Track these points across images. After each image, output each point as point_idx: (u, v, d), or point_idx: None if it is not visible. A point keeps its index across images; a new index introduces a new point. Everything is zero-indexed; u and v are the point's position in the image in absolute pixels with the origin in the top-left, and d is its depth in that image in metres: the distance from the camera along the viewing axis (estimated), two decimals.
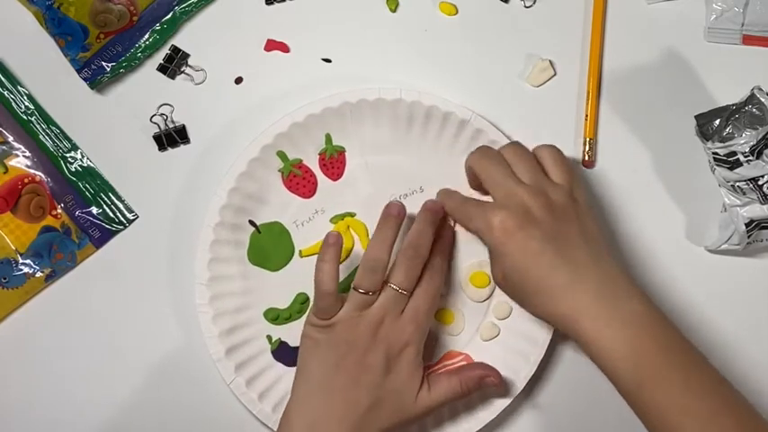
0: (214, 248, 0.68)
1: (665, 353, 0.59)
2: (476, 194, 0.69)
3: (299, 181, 0.70)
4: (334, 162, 0.71)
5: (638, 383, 0.58)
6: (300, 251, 0.70)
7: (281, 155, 0.70)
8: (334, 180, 0.71)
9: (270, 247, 0.70)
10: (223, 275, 0.69)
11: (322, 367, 0.63)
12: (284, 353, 0.69)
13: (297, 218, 0.70)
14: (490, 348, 0.69)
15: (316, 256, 0.65)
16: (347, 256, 0.69)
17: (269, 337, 0.70)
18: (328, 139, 0.70)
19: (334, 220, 0.70)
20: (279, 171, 0.70)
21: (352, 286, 0.64)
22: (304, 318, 0.67)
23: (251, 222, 0.70)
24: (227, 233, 0.69)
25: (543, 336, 0.68)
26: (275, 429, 0.65)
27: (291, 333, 0.69)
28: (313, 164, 0.71)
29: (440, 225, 0.68)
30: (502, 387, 0.67)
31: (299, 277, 0.69)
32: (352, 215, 0.70)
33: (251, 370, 0.68)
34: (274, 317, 0.70)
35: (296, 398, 0.63)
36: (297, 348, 0.67)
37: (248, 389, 0.68)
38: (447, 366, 0.69)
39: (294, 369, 0.66)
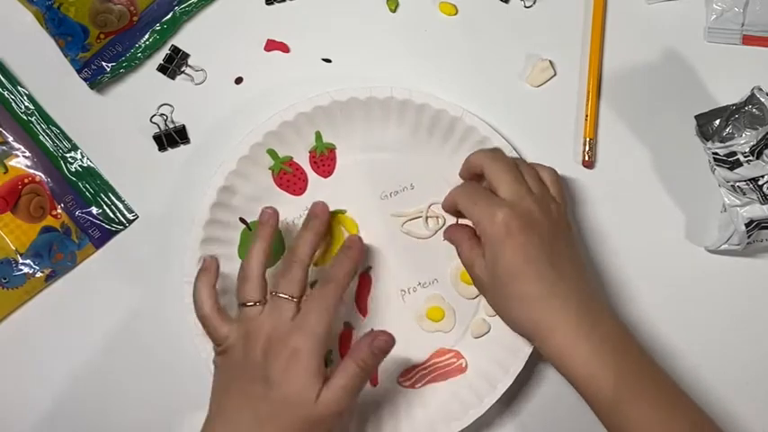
0: (204, 247, 0.68)
1: (643, 371, 0.61)
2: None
3: (289, 178, 0.71)
4: (324, 160, 0.71)
5: (616, 400, 0.59)
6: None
7: (272, 153, 0.70)
8: (325, 177, 0.71)
9: None
10: None
11: (217, 394, 0.63)
12: None
13: (287, 215, 0.70)
14: (481, 345, 0.70)
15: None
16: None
17: None
18: (318, 136, 0.70)
19: None
20: (269, 169, 0.70)
21: (237, 304, 0.64)
22: None
23: (241, 220, 0.70)
24: (218, 231, 0.69)
25: None
26: None
27: None
28: (303, 161, 0.71)
29: (349, 241, 0.68)
30: (393, 342, 0.63)
31: None
32: (342, 212, 0.70)
33: None
34: None
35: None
36: None
37: None
38: (437, 364, 0.69)
39: None
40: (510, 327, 0.64)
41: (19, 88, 0.71)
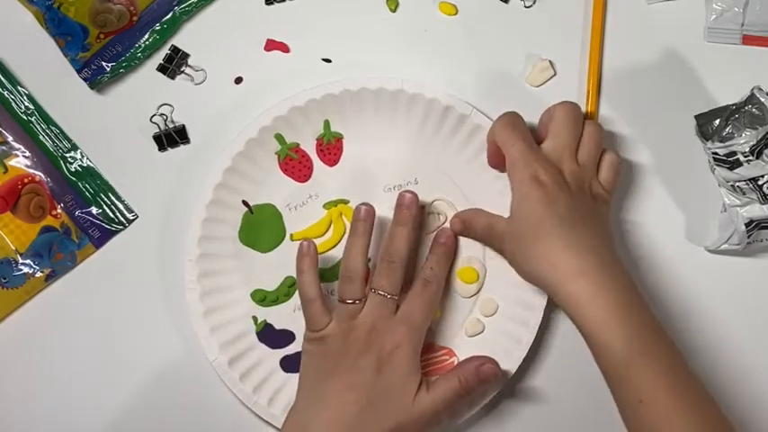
0: (206, 226, 0.68)
1: (653, 333, 0.60)
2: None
3: (294, 165, 0.71)
4: (331, 148, 0.71)
5: (628, 358, 0.58)
6: (292, 235, 0.70)
7: (279, 137, 0.70)
8: (330, 166, 0.71)
9: (261, 228, 0.70)
10: (213, 254, 0.69)
11: (316, 377, 0.64)
12: (269, 335, 0.69)
13: (290, 201, 0.71)
14: (474, 344, 0.69)
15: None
16: (338, 243, 0.70)
17: (254, 318, 0.70)
18: (327, 125, 0.70)
19: (328, 206, 0.70)
20: (275, 154, 0.70)
21: (337, 299, 0.65)
22: (290, 301, 0.69)
23: (244, 203, 0.70)
24: (220, 212, 0.69)
25: (527, 335, 0.68)
26: (255, 411, 0.67)
27: (277, 315, 0.70)
28: (310, 149, 0.71)
29: (441, 234, 0.68)
30: (500, 374, 0.66)
31: (288, 260, 0.68)
32: (345, 202, 0.70)
33: (234, 349, 0.69)
34: (261, 298, 0.70)
35: (292, 410, 0.64)
36: (282, 331, 0.69)
37: (230, 368, 0.68)
38: (429, 359, 0.69)
39: (277, 351, 0.69)
40: (524, 277, 0.64)
41: (19, 88, 0.71)
